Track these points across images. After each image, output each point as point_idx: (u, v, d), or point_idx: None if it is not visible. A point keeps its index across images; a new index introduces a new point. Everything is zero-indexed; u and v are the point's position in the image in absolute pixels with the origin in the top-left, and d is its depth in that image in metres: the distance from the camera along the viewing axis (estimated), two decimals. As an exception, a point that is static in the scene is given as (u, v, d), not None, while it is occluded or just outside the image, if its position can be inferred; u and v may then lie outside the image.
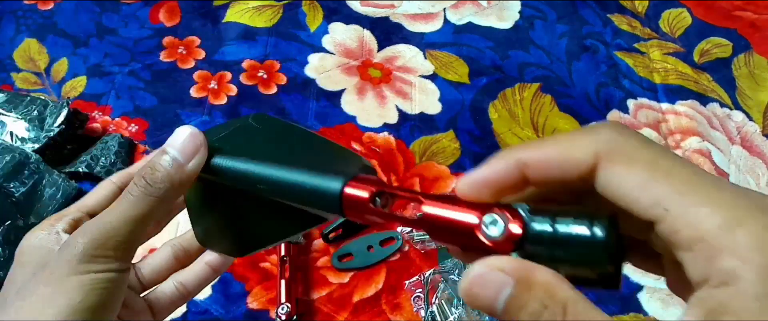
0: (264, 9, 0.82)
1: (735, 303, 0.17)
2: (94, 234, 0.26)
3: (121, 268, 0.27)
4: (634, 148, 0.19)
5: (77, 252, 0.26)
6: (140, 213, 0.27)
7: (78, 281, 0.26)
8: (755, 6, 0.88)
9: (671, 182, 0.18)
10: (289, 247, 0.56)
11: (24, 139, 0.61)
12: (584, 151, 0.20)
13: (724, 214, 0.17)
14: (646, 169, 0.19)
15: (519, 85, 0.75)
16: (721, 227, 0.17)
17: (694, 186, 0.18)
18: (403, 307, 0.55)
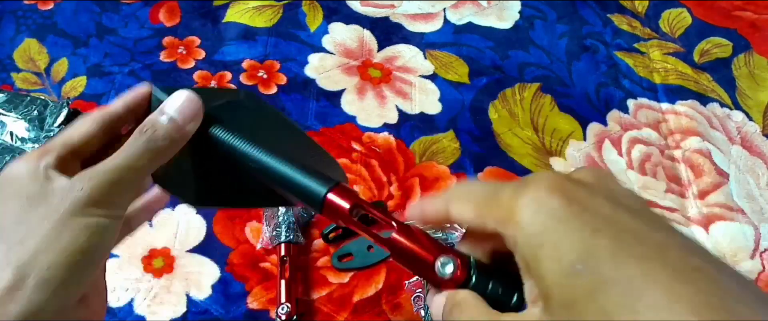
0: (264, 9, 0.82)
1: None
2: (101, 180, 0.27)
3: (119, 215, 0.28)
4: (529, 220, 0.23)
5: (83, 195, 0.26)
6: (141, 165, 0.28)
7: (82, 223, 0.26)
8: (755, 6, 0.88)
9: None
10: (289, 247, 0.56)
11: (24, 139, 0.61)
12: (491, 222, 0.24)
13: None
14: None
15: (519, 85, 0.75)
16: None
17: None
18: (403, 307, 0.55)
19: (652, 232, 0.21)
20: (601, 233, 0.20)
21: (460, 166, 0.66)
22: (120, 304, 0.54)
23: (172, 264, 0.57)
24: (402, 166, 0.66)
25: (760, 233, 0.62)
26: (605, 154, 0.68)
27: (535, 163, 0.67)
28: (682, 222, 0.63)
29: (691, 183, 0.66)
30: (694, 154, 0.69)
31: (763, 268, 0.60)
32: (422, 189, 0.64)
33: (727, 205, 0.64)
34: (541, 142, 0.69)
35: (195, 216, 0.60)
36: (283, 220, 0.56)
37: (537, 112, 0.72)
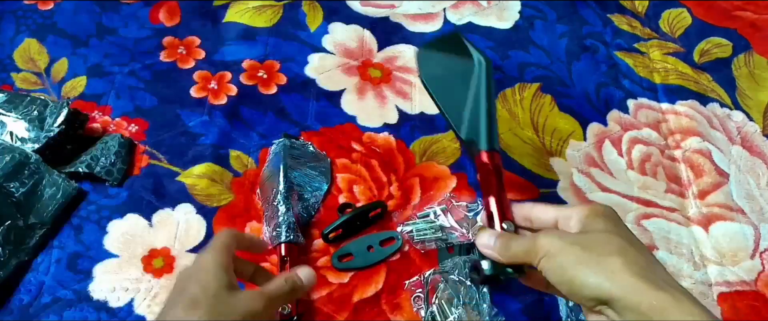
0: (264, 9, 0.82)
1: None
2: (265, 300, 0.43)
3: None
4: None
5: (259, 308, 0.42)
6: (280, 298, 0.44)
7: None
8: (755, 6, 0.88)
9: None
10: (289, 247, 0.56)
11: (24, 139, 0.61)
12: (569, 212, 0.41)
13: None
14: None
15: (519, 85, 0.75)
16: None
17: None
18: (403, 307, 0.55)
19: (641, 244, 0.39)
20: (619, 222, 0.40)
21: (460, 166, 0.66)
22: (120, 304, 0.54)
23: (172, 264, 0.57)
24: (402, 166, 0.66)
25: (760, 233, 0.62)
26: (605, 154, 0.68)
27: (535, 163, 0.67)
28: (682, 222, 0.63)
29: (691, 183, 0.66)
30: (694, 154, 0.69)
31: (763, 268, 0.60)
32: (422, 189, 0.64)
33: (727, 205, 0.64)
34: (541, 142, 0.69)
35: (195, 216, 0.60)
36: (283, 220, 0.56)
37: (537, 112, 0.72)
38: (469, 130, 0.50)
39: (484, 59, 0.53)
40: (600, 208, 0.39)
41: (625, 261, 0.35)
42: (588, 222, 0.39)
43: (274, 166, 0.62)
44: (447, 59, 0.55)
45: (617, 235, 0.37)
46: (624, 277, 0.34)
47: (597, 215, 0.39)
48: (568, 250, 0.37)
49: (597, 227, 0.38)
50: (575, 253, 0.36)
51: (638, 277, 0.34)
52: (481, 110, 0.49)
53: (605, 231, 0.37)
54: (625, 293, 0.34)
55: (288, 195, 0.58)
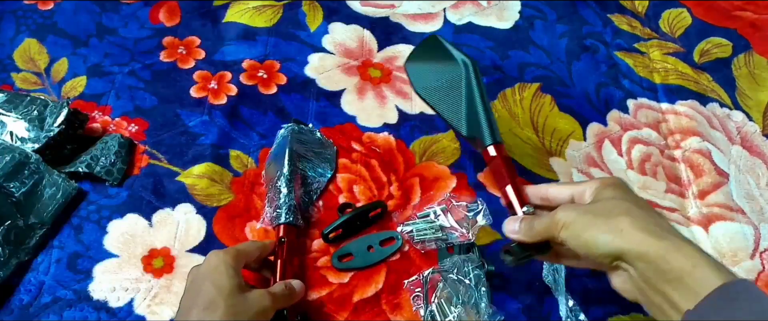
0: (264, 9, 0.82)
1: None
2: (274, 298, 0.48)
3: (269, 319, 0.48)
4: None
5: (268, 305, 0.47)
6: (282, 299, 0.49)
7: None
8: (755, 6, 0.88)
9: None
10: (288, 228, 0.56)
11: (24, 139, 0.61)
12: (582, 187, 0.46)
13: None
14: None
15: (519, 84, 0.75)
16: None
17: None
18: (403, 307, 0.55)
19: (649, 206, 0.43)
20: (627, 191, 0.44)
21: (460, 166, 0.66)
22: (120, 304, 0.54)
23: (172, 264, 0.57)
24: (402, 166, 0.66)
25: (760, 233, 0.62)
26: (605, 154, 0.68)
27: (535, 163, 0.67)
28: (682, 222, 0.63)
29: (691, 183, 0.66)
30: (694, 154, 0.69)
31: (763, 268, 0.60)
32: (422, 189, 0.64)
33: (727, 205, 0.64)
34: (541, 142, 0.69)
35: (195, 216, 0.60)
36: (284, 202, 0.57)
37: (537, 112, 0.72)
38: (470, 128, 0.54)
39: (468, 59, 0.57)
40: (609, 180, 0.44)
41: (631, 220, 0.39)
42: (599, 192, 0.44)
43: (280, 149, 0.63)
44: (435, 67, 0.59)
45: (624, 200, 0.42)
46: (631, 233, 0.39)
47: (607, 185, 0.44)
48: (582, 218, 0.41)
49: (607, 195, 0.43)
50: (588, 219, 0.41)
51: (643, 231, 0.39)
52: (478, 108, 0.54)
53: (614, 197, 0.42)
54: (633, 246, 0.38)
55: (291, 178, 0.59)
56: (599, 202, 0.43)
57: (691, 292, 0.36)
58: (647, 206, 0.42)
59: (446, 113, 0.57)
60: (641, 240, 0.38)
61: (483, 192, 0.64)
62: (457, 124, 0.55)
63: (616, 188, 0.43)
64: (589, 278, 0.58)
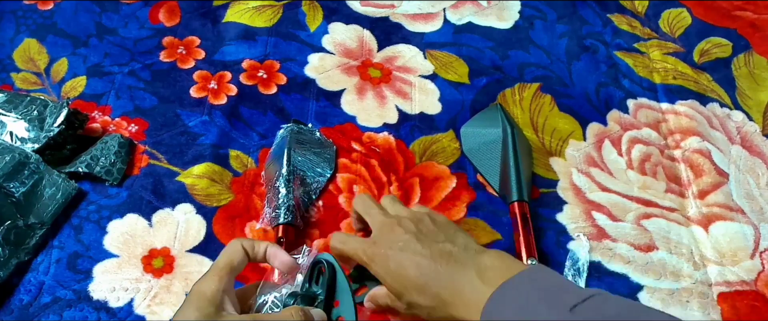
0: (264, 9, 0.82)
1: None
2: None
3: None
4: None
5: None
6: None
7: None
8: (755, 6, 0.88)
9: None
10: (286, 228, 0.56)
11: (24, 139, 0.61)
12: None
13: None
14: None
15: (519, 85, 0.75)
16: None
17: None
18: (403, 307, 0.55)
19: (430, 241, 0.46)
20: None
21: (460, 166, 0.66)
22: (120, 304, 0.54)
23: (172, 264, 0.57)
24: (402, 166, 0.66)
25: (760, 233, 0.62)
26: (605, 154, 0.68)
27: (535, 163, 0.67)
28: (682, 222, 0.63)
29: (691, 183, 0.66)
30: (694, 154, 0.69)
31: (763, 268, 0.60)
32: (422, 189, 0.64)
33: (726, 205, 0.64)
34: (540, 142, 0.69)
35: (195, 216, 0.60)
36: (283, 202, 0.57)
37: (537, 112, 0.72)
38: (502, 186, 0.62)
39: (510, 127, 0.65)
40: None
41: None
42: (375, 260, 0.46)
43: (280, 149, 0.63)
44: (482, 132, 0.67)
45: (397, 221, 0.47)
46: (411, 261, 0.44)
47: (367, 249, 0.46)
48: (369, 250, 0.46)
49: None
50: (371, 250, 0.46)
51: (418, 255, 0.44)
52: (511, 170, 0.61)
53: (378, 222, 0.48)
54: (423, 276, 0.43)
55: (290, 178, 0.59)
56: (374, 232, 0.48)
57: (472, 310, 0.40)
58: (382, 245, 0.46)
59: (485, 171, 0.64)
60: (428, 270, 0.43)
61: (483, 192, 0.64)
62: (492, 181, 0.63)
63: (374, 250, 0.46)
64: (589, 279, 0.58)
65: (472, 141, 0.67)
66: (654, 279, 0.58)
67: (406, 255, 0.43)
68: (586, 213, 0.63)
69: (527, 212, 0.58)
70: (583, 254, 0.59)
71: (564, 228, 0.61)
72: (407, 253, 0.44)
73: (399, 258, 0.43)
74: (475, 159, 0.66)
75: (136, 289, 0.55)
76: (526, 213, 0.58)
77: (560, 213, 0.63)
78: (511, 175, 0.61)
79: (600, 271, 0.58)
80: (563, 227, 0.61)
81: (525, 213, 0.58)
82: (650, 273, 0.58)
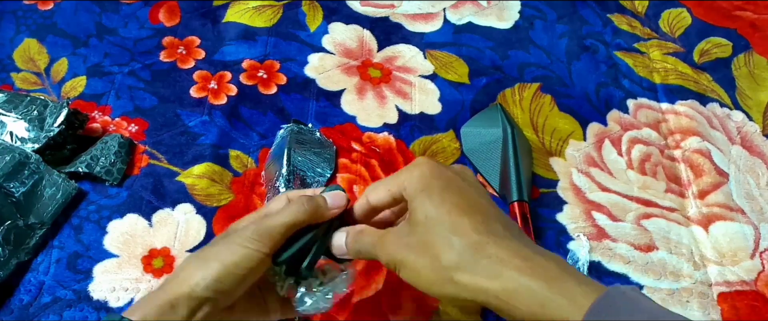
0: (264, 9, 0.82)
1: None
2: (259, 226, 0.39)
3: (263, 251, 0.39)
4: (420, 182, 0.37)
5: (247, 234, 0.39)
6: (291, 221, 0.40)
7: (239, 249, 0.38)
8: (755, 6, 0.88)
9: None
10: None
11: (24, 139, 0.61)
12: (397, 187, 0.39)
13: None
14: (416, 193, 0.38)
15: (519, 85, 0.75)
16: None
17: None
18: (403, 307, 0.55)
19: (470, 194, 0.37)
20: (442, 192, 0.36)
21: (460, 166, 0.66)
22: (120, 304, 0.54)
23: (172, 264, 0.57)
24: (402, 166, 0.66)
25: (760, 233, 0.62)
26: (605, 154, 0.68)
27: (535, 163, 0.67)
28: (682, 222, 0.63)
29: (691, 183, 0.66)
30: (694, 154, 0.69)
31: (763, 268, 0.60)
32: (422, 189, 0.64)
33: (726, 205, 0.64)
34: (540, 142, 0.69)
35: (195, 216, 0.60)
36: None
37: (537, 112, 0.72)
38: (502, 186, 0.62)
39: (510, 127, 0.65)
40: (418, 180, 0.37)
41: (457, 259, 0.33)
42: (415, 207, 0.36)
43: (280, 150, 0.63)
44: (482, 132, 0.67)
45: (442, 225, 0.34)
46: (464, 282, 0.33)
47: (418, 192, 0.36)
48: (412, 263, 0.35)
49: (421, 216, 0.36)
50: (418, 267, 0.35)
51: (472, 274, 0.33)
52: (511, 170, 0.61)
53: (427, 223, 0.35)
54: (470, 295, 0.33)
55: (290, 178, 0.59)
56: (416, 232, 0.35)
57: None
58: (474, 208, 0.35)
59: (485, 171, 0.64)
60: (475, 287, 0.32)
61: (483, 192, 0.64)
62: (492, 181, 0.63)
63: (430, 194, 0.36)
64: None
65: (472, 141, 0.67)
66: (654, 279, 0.58)
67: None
68: (586, 213, 0.63)
69: (527, 212, 0.58)
70: (583, 254, 0.59)
71: (564, 228, 0.61)
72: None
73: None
74: (475, 159, 0.66)
75: (136, 289, 0.55)
76: (526, 213, 0.58)
77: (560, 213, 0.63)
78: (511, 175, 0.61)
79: (600, 271, 0.58)
80: (563, 227, 0.61)
81: (525, 213, 0.58)
82: (650, 273, 0.59)
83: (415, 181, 0.37)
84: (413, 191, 0.37)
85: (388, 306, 0.56)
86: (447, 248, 0.33)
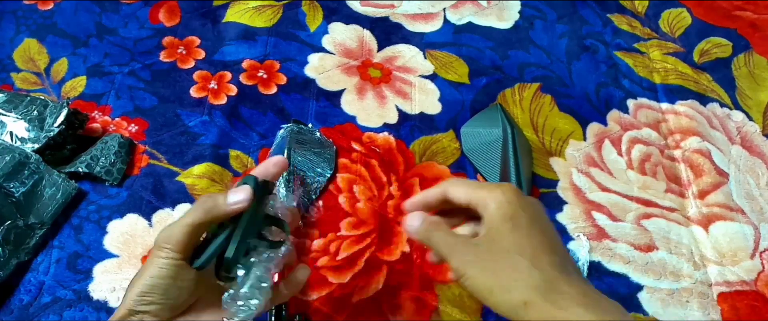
0: (264, 9, 0.82)
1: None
2: (162, 233, 0.39)
3: (173, 257, 0.39)
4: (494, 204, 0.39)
5: (156, 243, 0.39)
6: (190, 221, 0.39)
7: (153, 259, 0.39)
8: (755, 6, 0.88)
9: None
10: None
11: (24, 139, 0.61)
12: (478, 200, 0.40)
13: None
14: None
15: (519, 85, 0.75)
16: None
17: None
18: (403, 307, 0.55)
19: (550, 233, 0.39)
20: (530, 227, 0.38)
21: (460, 166, 0.66)
22: (120, 304, 0.54)
23: (172, 264, 0.57)
24: (402, 166, 0.66)
25: (760, 233, 0.62)
26: (605, 154, 0.68)
27: (535, 163, 0.67)
28: (682, 222, 0.63)
29: (691, 183, 0.66)
30: (694, 154, 0.69)
31: (763, 268, 0.60)
32: (422, 189, 0.64)
33: (726, 205, 0.64)
34: (540, 142, 0.69)
35: (195, 216, 0.60)
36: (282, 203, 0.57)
37: (537, 112, 0.72)
38: None
39: (510, 127, 0.66)
40: (504, 204, 0.38)
41: (530, 286, 0.36)
42: (494, 225, 0.38)
43: (280, 150, 0.63)
44: (483, 132, 0.67)
45: (522, 255, 0.37)
46: (535, 307, 0.35)
47: (501, 216, 0.38)
48: (479, 276, 0.37)
49: (504, 243, 0.38)
50: (486, 282, 0.37)
51: (546, 302, 0.35)
52: (511, 170, 0.62)
53: (512, 249, 0.37)
54: (538, 317, 0.35)
55: (290, 179, 0.59)
56: (496, 252, 0.38)
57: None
58: (552, 247, 0.38)
59: (485, 170, 0.64)
60: (543, 317, 0.35)
61: (483, 192, 0.64)
62: (492, 181, 0.63)
63: (516, 225, 0.38)
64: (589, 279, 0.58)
65: (472, 141, 0.67)
66: (654, 279, 0.58)
67: None
68: (586, 213, 0.63)
69: None
70: (583, 254, 0.59)
71: (564, 228, 0.61)
72: None
73: None
74: (475, 159, 0.66)
75: (136, 289, 0.55)
76: None
77: (560, 213, 0.63)
78: (511, 175, 0.61)
79: (600, 271, 0.58)
80: (563, 227, 0.61)
81: None
82: (650, 273, 0.59)
83: (503, 206, 0.38)
84: (499, 216, 0.38)
85: (388, 306, 0.56)
86: (525, 278, 0.36)
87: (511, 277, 0.36)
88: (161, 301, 0.39)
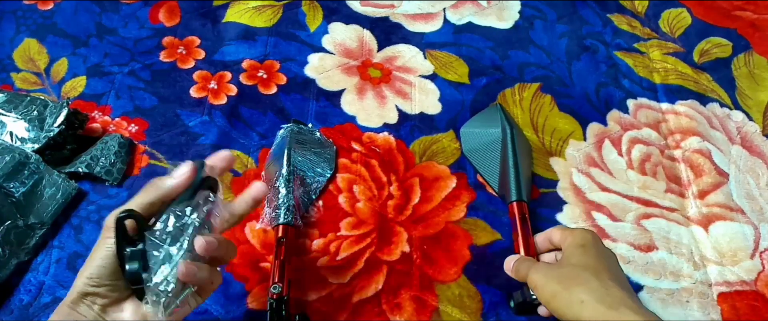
0: (264, 9, 0.82)
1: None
2: (111, 216, 0.41)
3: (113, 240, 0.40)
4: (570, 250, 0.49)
5: (104, 226, 0.41)
6: (141, 202, 0.41)
7: (100, 243, 0.41)
8: (755, 6, 0.88)
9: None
10: (286, 229, 0.56)
11: (24, 139, 0.61)
12: (562, 239, 0.50)
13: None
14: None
15: (519, 85, 0.75)
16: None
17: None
18: (403, 307, 0.55)
19: (613, 261, 0.48)
20: (598, 254, 0.47)
21: (460, 166, 0.66)
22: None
23: (172, 264, 0.57)
24: (402, 166, 0.66)
25: (760, 233, 0.62)
26: (605, 154, 0.68)
27: (535, 163, 0.67)
28: (682, 222, 0.63)
29: (691, 183, 0.66)
30: (694, 154, 0.69)
31: (763, 268, 0.60)
32: (422, 189, 0.64)
33: (726, 205, 0.64)
34: (541, 142, 0.69)
35: (195, 216, 0.60)
36: (283, 202, 0.57)
37: (537, 112, 0.72)
38: (501, 186, 0.62)
39: (510, 127, 0.65)
40: (580, 238, 0.48)
41: (588, 290, 0.43)
42: (570, 252, 0.48)
43: (280, 150, 0.63)
44: (482, 133, 0.67)
45: (586, 268, 0.45)
46: (589, 305, 0.43)
47: (576, 246, 0.48)
48: (548, 285, 0.46)
49: (573, 260, 0.47)
50: (552, 288, 0.45)
51: (599, 303, 0.43)
52: (510, 170, 0.61)
53: (578, 264, 0.46)
54: (590, 316, 0.42)
55: (290, 179, 0.59)
56: (565, 267, 0.47)
57: None
58: (605, 274, 0.45)
59: (485, 171, 0.64)
60: (595, 311, 0.42)
61: (483, 192, 0.64)
62: (492, 182, 0.63)
63: (585, 250, 0.47)
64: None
65: (471, 141, 0.67)
66: (654, 279, 0.58)
67: None
68: (586, 213, 0.63)
69: (526, 212, 0.58)
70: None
71: (564, 228, 0.61)
72: None
73: None
74: (475, 159, 0.66)
75: (136, 289, 0.55)
76: (524, 213, 0.58)
77: (560, 213, 0.63)
78: (511, 175, 0.61)
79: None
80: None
81: (523, 213, 0.58)
82: (650, 273, 0.59)
83: (578, 237, 0.48)
84: (574, 244, 0.48)
85: (388, 306, 0.56)
86: (585, 284, 0.44)
87: (573, 283, 0.44)
88: (110, 281, 0.40)
